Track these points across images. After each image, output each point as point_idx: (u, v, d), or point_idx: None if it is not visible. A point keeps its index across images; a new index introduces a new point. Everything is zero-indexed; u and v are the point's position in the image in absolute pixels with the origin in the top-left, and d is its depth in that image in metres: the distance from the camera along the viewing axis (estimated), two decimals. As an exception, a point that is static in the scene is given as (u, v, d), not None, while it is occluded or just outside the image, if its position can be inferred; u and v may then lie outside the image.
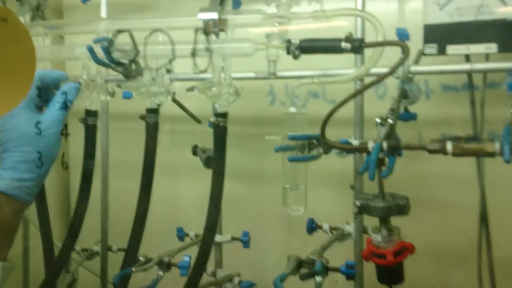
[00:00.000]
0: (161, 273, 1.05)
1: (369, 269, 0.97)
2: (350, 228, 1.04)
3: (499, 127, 0.82)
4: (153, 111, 1.09)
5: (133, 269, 1.02)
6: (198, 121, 1.39)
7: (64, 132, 1.73)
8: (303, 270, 0.86)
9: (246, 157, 1.40)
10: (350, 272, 0.87)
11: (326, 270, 0.85)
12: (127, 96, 1.19)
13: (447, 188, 1.16)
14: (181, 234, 1.27)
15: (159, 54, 1.05)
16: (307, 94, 0.97)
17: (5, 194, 0.66)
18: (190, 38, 1.01)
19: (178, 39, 1.02)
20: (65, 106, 0.72)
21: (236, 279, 1.21)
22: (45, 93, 0.74)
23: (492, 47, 0.86)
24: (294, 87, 0.91)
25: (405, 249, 0.89)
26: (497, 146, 0.79)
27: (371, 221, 0.99)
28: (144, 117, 1.10)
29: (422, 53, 0.93)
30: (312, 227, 1.09)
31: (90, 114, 1.18)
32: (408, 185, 1.16)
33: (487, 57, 0.93)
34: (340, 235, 1.04)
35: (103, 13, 1.34)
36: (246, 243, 1.21)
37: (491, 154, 0.79)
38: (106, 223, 1.40)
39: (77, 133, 1.71)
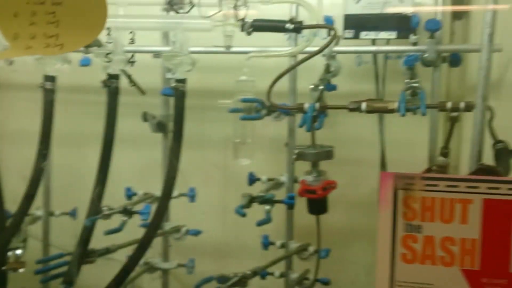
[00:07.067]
0: (125, 218, 1.19)
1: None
2: (284, 178, 1.28)
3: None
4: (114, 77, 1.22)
5: (104, 212, 1.15)
6: (142, 92, 1.52)
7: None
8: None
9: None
10: (290, 202, 1.11)
11: (272, 202, 1.09)
12: (86, 63, 1.30)
13: (356, 147, 1.45)
14: (130, 194, 1.40)
15: (120, 26, 1.19)
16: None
17: None
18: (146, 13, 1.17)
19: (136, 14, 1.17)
20: None
21: (184, 229, 1.38)
22: None
23: (392, 34, 1.16)
24: (244, 59, 1.11)
25: (329, 186, 1.15)
26: (396, 104, 1.08)
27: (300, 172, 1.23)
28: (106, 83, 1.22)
29: (342, 37, 1.20)
30: (252, 179, 1.31)
31: (48, 79, 1.25)
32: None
33: (388, 42, 1.23)
34: (275, 184, 1.28)
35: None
36: (192, 198, 1.39)
37: (392, 111, 1.09)
38: (48, 189, 1.48)
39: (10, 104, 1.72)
